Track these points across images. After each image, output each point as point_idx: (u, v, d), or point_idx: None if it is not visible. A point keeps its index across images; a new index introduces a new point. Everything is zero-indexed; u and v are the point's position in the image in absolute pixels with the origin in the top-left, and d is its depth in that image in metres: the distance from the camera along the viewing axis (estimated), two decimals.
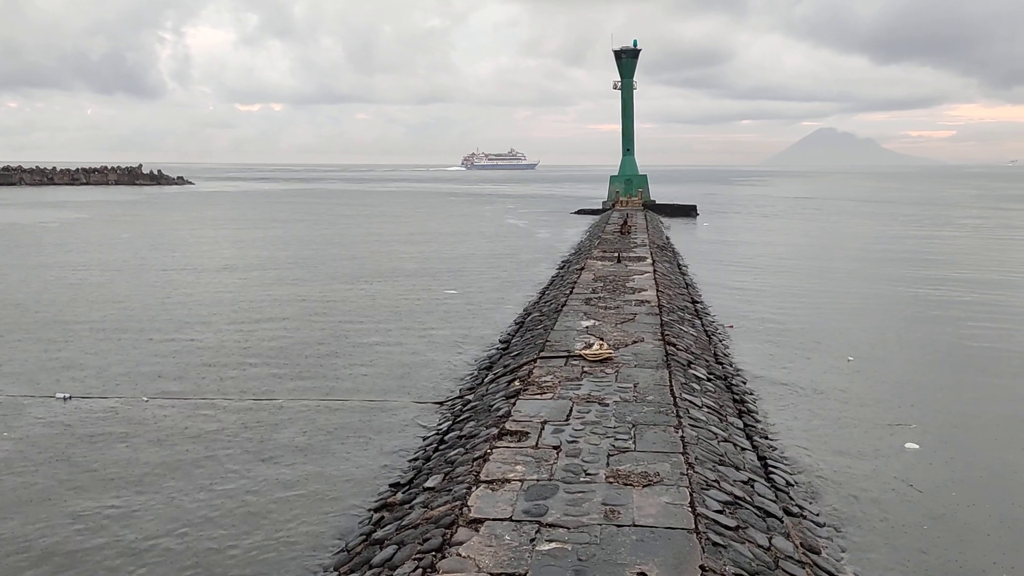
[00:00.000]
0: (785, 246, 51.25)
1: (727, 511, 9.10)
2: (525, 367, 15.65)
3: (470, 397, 15.89)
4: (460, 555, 7.78)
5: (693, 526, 8.33)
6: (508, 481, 9.58)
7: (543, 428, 11.57)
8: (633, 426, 11.60)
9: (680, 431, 11.39)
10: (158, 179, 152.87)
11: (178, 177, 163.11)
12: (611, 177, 79.64)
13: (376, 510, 10.83)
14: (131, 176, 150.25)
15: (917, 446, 13.85)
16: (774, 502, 10.33)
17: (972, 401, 17.09)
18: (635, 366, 15.20)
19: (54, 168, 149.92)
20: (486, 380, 16.79)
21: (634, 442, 10.91)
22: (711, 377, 16.25)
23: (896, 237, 56.79)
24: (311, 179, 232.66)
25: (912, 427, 14.97)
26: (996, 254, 46.07)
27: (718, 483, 9.90)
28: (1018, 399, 17.48)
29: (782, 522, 9.68)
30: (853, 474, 12.75)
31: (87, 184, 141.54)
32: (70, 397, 16.65)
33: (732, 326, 24.23)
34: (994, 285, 33.75)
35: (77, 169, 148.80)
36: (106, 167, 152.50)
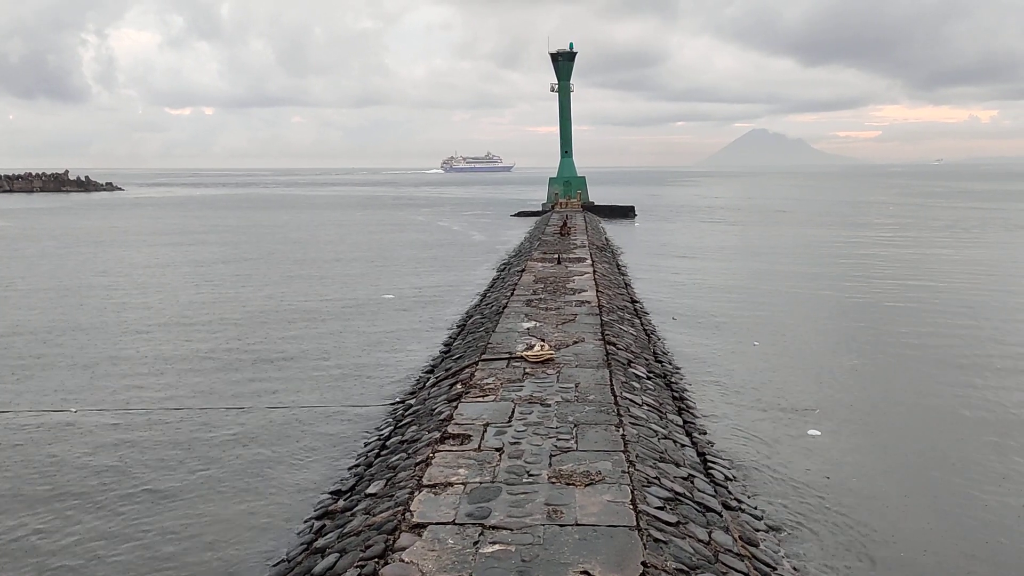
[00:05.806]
0: (718, 244, 52.22)
1: (668, 507, 9.21)
2: (467, 370, 15.61)
3: (412, 401, 15.79)
4: (403, 560, 7.72)
5: (635, 523, 8.41)
6: (451, 485, 9.55)
7: (485, 430, 11.55)
8: (575, 426, 11.67)
9: (621, 429, 11.50)
10: (86, 185, 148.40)
11: (107, 183, 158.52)
12: (550, 179, 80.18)
13: (317, 518, 10.67)
14: (57, 183, 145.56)
15: (818, 432, 14.79)
16: (713, 497, 10.51)
17: (873, 388, 18.20)
18: (576, 366, 15.29)
19: None
20: (428, 384, 16.71)
21: (576, 442, 10.98)
22: (651, 375, 16.45)
23: (821, 233, 58.28)
24: (248, 183, 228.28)
25: (816, 412, 16.02)
26: (913, 250, 47.57)
27: (659, 480, 10.02)
28: (907, 380, 18.73)
29: (721, 516, 9.84)
30: (778, 463, 13.22)
31: (11, 192, 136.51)
32: None
33: (675, 318, 25.27)
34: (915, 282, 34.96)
35: (0, 176, 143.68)
36: (31, 173, 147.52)
